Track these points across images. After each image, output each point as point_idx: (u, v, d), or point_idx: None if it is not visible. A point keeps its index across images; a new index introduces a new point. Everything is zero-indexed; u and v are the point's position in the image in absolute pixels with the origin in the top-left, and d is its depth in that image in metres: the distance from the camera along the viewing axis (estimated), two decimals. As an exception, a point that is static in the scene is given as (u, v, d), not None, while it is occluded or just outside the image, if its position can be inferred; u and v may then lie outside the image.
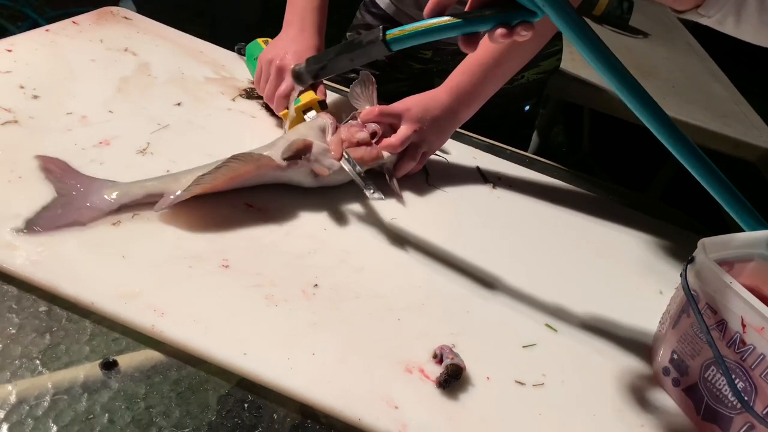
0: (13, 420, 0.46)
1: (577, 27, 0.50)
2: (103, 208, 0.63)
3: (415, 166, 0.84)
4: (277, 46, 0.88)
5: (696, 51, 1.95)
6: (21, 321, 0.53)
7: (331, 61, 0.65)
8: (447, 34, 0.57)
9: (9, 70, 0.80)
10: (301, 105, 0.84)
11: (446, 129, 0.86)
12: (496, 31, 0.54)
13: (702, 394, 0.59)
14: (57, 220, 0.61)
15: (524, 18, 0.54)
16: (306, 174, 0.74)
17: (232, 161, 0.67)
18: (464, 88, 0.84)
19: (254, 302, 0.59)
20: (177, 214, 0.66)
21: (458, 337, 0.62)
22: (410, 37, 0.58)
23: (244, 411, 0.51)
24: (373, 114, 0.81)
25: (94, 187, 0.65)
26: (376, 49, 0.60)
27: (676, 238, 0.91)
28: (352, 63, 0.63)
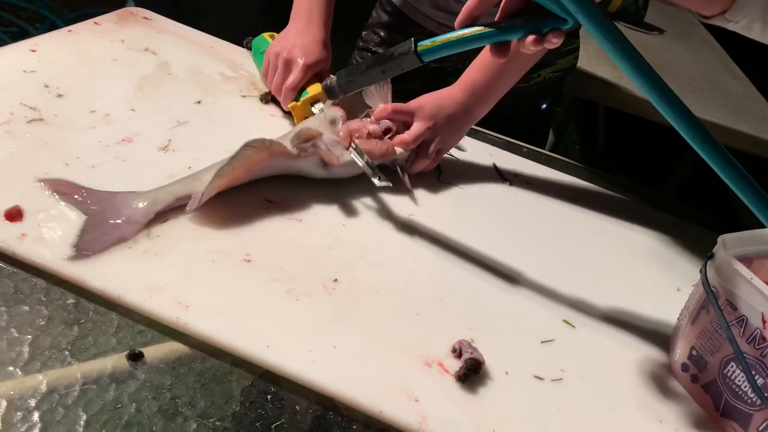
0: (44, 408, 0.47)
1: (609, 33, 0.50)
2: (140, 219, 0.63)
3: (429, 163, 0.84)
4: (284, 39, 0.89)
5: (712, 47, 1.94)
6: (50, 313, 0.54)
7: (362, 73, 0.65)
8: (479, 43, 0.57)
9: (34, 70, 0.82)
10: (308, 97, 0.85)
11: (461, 126, 0.86)
12: (527, 39, 0.54)
13: (721, 390, 0.59)
14: (103, 241, 0.60)
15: (555, 26, 0.54)
16: (316, 164, 0.76)
17: (246, 149, 0.67)
18: (479, 84, 0.84)
19: (276, 296, 0.60)
20: (200, 211, 0.67)
21: (476, 332, 0.63)
22: (442, 47, 0.59)
23: (267, 402, 0.52)
24: (386, 111, 0.82)
25: (119, 200, 0.64)
26: (407, 61, 0.61)
27: (692, 235, 0.91)
28: (383, 75, 0.63)
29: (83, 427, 0.47)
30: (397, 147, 0.81)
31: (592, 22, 0.50)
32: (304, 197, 0.74)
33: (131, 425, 0.48)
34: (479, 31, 0.57)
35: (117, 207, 0.64)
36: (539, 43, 0.54)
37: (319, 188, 0.76)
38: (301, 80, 0.85)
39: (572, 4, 0.50)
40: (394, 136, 0.82)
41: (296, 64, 0.85)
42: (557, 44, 0.54)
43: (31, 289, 0.55)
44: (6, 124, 0.71)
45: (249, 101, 0.91)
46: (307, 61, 0.85)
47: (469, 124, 0.87)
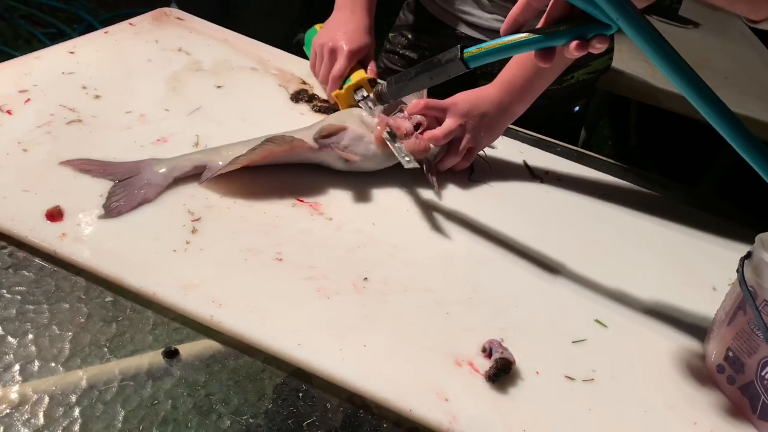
0: (84, 404, 0.49)
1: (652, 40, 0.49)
2: (160, 182, 0.69)
3: (460, 162, 0.84)
4: (328, 29, 0.90)
5: (750, 40, 1.89)
6: (89, 311, 0.56)
7: (411, 80, 0.67)
8: (524, 49, 0.58)
9: (72, 72, 0.84)
10: (351, 84, 0.86)
11: (496, 125, 0.85)
12: (571, 45, 0.55)
13: (759, 392, 0.58)
14: (129, 202, 0.66)
15: (599, 31, 0.54)
16: (336, 157, 0.77)
17: (267, 143, 0.70)
18: (516, 82, 0.83)
19: (307, 294, 0.61)
20: (232, 210, 0.68)
21: (507, 331, 0.63)
22: (488, 54, 0.60)
23: (299, 400, 0.53)
24: (419, 106, 0.82)
25: (143, 166, 0.70)
26: (454, 68, 0.62)
27: (728, 232, 0.89)
28: (431, 81, 0.65)
29: (121, 422, 0.48)
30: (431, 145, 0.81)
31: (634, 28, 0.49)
32: (335, 196, 0.75)
33: (167, 421, 0.49)
34: (525, 37, 0.58)
35: (141, 172, 0.69)
36: (583, 48, 0.55)
37: (350, 187, 0.77)
38: (346, 68, 0.87)
39: (614, 11, 0.50)
40: (424, 132, 0.82)
41: (341, 51, 0.87)
42: (601, 49, 0.55)
43: (72, 287, 0.57)
44: (47, 125, 0.73)
45: (280, 100, 0.92)
46: (350, 48, 0.87)
47: (506, 122, 0.86)
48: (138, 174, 0.69)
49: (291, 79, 0.97)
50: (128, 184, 0.67)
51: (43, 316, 0.54)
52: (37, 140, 0.71)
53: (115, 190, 0.66)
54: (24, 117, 0.74)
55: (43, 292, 0.56)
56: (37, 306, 0.55)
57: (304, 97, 0.93)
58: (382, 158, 0.78)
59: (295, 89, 0.94)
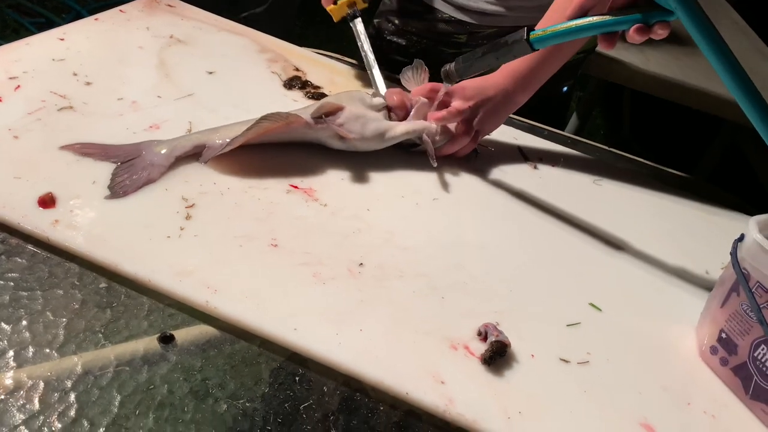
0: (80, 389, 0.48)
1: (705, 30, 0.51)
2: (163, 162, 0.69)
3: (466, 146, 0.84)
4: None
5: (742, 29, 1.89)
6: (84, 297, 0.55)
7: (478, 59, 0.71)
8: (589, 33, 0.61)
9: (63, 58, 0.83)
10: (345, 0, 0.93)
11: (500, 111, 0.86)
12: (633, 29, 0.57)
13: (751, 372, 0.59)
14: (133, 183, 0.66)
15: (662, 17, 0.56)
16: (332, 135, 0.77)
17: (263, 121, 0.71)
18: (522, 71, 0.84)
19: (303, 280, 0.61)
20: (226, 196, 0.68)
21: (502, 315, 0.63)
22: (553, 36, 0.63)
23: (296, 384, 0.53)
24: (425, 89, 0.84)
25: (144, 147, 0.70)
26: (520, 48, 0.65)
27: (722, 218, 0.89)
28: (497, 61, 0.69)
29: (117, 407, 0.48)
30: (433, 123, 0.82)
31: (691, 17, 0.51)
32: (330, 182, 0.75)
33: (164, 406, 0.49)
34: (591, 21, 0.60)
35: (142, 154, 0.70)
36: (645, 33, 0.57)
37: (345, 173, 0.77)
38: None
39: None
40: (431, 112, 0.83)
41: None
42: (663, 36, 0.57)
43: (65, 273, 0.57)
44: (37, 112, 0.73)
45: (273, 87, 0.91)
46: None
47: (510, 110, 0.87)
48: (140, 155, 0.69)
49: (284, 66, 0.96)
50: (131, 165, 0.68)
51: (37, 302, 0.54)
52: (28, 127, 0.70)
53: (119, 172, 0.67)
54: (14, 104, 0.73)
55: (37, 278, 0.56)
56: (31, 292, 0.55)
57: (297, 84, 0.92)
58: (377, 139, 0.78)
59: (288, 76, 0.93)
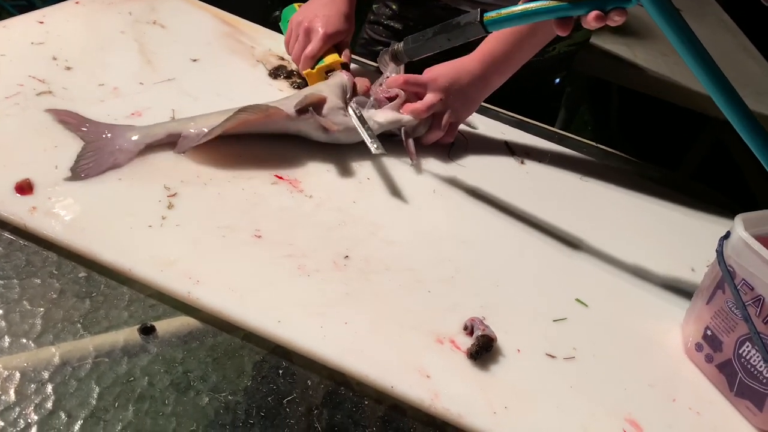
0: (57, 381, 0.47)
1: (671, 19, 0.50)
2: (131, 149, 0.67)
3: (444, 136, 0.84)
4: (308, 9, 0.90)
5: (728, 26, 1.90)
6: (62, 286, 0.54)
7: (428, 40, 0.68)
8: (543, 17, 0.60)
9: (42, 42, 0.81)
10: (323, 66, 0.86)
11: (475, 97, 0.86)
12: (590, 16, 0.56)
13: (736, 369, 0.59)
14: (98, 166, 0.64)
15: (619, 4, 0.55)
16: (316, 127, 0.76)
17: (241, 113, 0.70)
18: (497, 55, 0.83)
19: (287, 272, 0.60)
20: (209, 186, 0.67)
21: (488, 310, 0.62)
22: (507, 19, 0.62)
23: (279, 377, 0.52)
24: (398, 82, 0.82)
25: (118, 132, 0.69)
26: (472, 30, 0.64)
27: (707, 215, 0.90)
28: (449, 42, 0.67)
29: (96, 399, 0.47)
30: (408, 115, 0.81)
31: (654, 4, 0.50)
32: (315, 173, 0.74)
33: (144, 398, 0.48)
34: (545, 5, 0.59)
35: (114, 137, 0.68)
36: (602, 20, 0.56)
37: (330, 165, 0.76)
38: (320, 49, 0.86)
39: None
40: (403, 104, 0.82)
41: (316, 33, 0.87)
42: (619, 22, 0.57)
43: (43, 262, 0.55)
44: (15, 97, 0.71)
45: (258, 76, 0.90)
46: (327, 31, 0.86)
47: (485, 94, 0.86)
48: (110, 139, 0.68)
49: (269, 55, 0.95)
50: (98, 148, 0.66)
51: (14, 291, 0.52)
52: (5, 111, 0.68)
53: (85, 153, 0.65)
54: (-8, 87, 0.71)
55: (13, 266, 0.54)
56: (7, 281, 0.53)
57: (282, 74, 0.91)
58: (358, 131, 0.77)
59: (274, 65, 0.92)
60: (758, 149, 0.52)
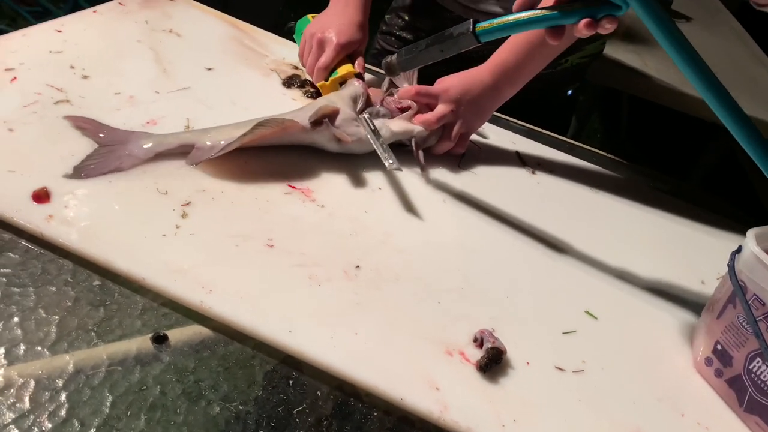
0: (71, 389, 0.48)
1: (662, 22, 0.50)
2: (140, 155, 0.68)
3: (455, 147, 0.84)
4: (321, 20, 0.90)
5: (740, 35, 1.90)
6: (77, 294, 0.55)
7: (421, 52, 0.68)
8: (535, 26, 0.59)
9: (60, 51, 0.82)
10: (337, 77, 0.86)
11: (486, 108, 0.86)
12: (581, 24, 0.56)
13: (746, 385, 0.59)
14: (100, 167, 0.66)
15: (609, 12, 0.55)
16: (329, 138, 0.76)
17: (258, 127, 0.70)
18: (509, 65, 0.83)
19: (298, 281, 0.60)
20: (223, 195, 0.67)
21: (498, 321, 0.63)
22: (499, 29, 0.61)
23: (289, 387, 0.53)
24: (410, 93, 0.83)
25: (132, 138, 0.70)
26: (465, 41, 0.63)
27: (718, 226, 0.89)
28: (442, 54, 0.66)
29: (109, 407, 0.47)
30: (419, 126, 0.81)
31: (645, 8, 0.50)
32: (327, 183, 0.74)
33: (156, 407, 0.48)
34: (537, 14, 0.59)
35: (127, 143, 0.69)
36: (593, 28, 0.56)
37: (343, 174, 0.76)
38: (333, 60, 0.87)
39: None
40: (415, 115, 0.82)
41: (329, 43, 0.87)
42: (610, 30, 0.56)
43: (58, 270, 0.56)
44: (33, 105, 0.72)
45: (272, 85, 0.91)
46: (339, 41, 0.87)
47: (496, 105, 0.87)
48: (123, 144, 0.69)
49: (283, 64, 0.96)
50: (109, 151, 0.67)
51: (29, 299, 0.53)
52: (23, 120, 0.69)
53: (94, 155, 0.67)
54: (10, 96, 0.72)
55: (29, 274, 0.55)
56: (23, 288, 0.54)
57: (296, 83, 0.92)
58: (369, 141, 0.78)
59: (288, 74, 0.93)
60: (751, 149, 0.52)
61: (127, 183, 0.65)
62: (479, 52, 0.99)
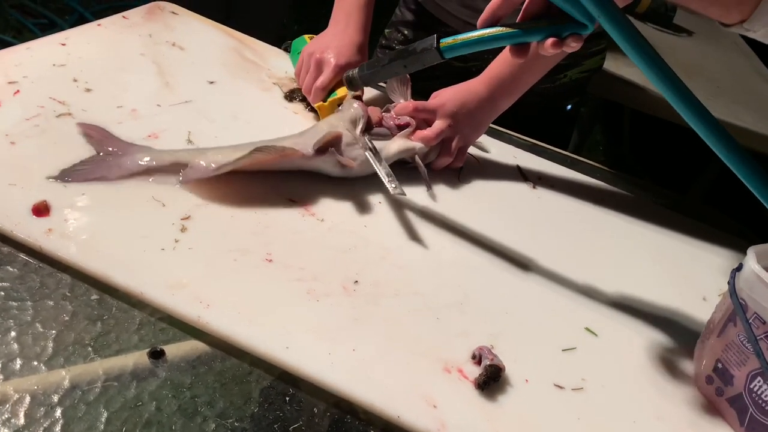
0: (66, 404, 0.48)
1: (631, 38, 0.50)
2: (130, 168, 0.68)
3: (453, 161, 0.84)
4: (320, 41, 0.90)
5: (742, 49, 1.90)
6: (74, 308, 0.54)
7: (384, 67, 0.66)
8: (499, 43, 0.59)
9: (63, 64, 0.83)
10: (335, 99, 0.86)
11: (483, 121, 0.86)
12: (547, 42, 0.55)
13: (747, 404, 0.58)
14: (87, 174, 0.66)
15: (575, 30, 0.55)
16: (333, 164, 0.76)
17: (255, 153, 0.69)
18: (504, 77, 0.83)
19: (297, 296, 0.60)
20: (223, 209, 0.67)
21: (497, 338, 0.62)
22: (463, 45, 0.60)
23: (286, 404, 0.52)
24: (407, 109, 0.83)
25: (130, 151, 0.70)
26: (429, 57, 0.62)
27: (719, 242, 0.89)
28: (405, 69, 0.65)
29: (104, 424, 0.47)
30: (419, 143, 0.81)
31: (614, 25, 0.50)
32: (327, 197, 0.74)
33: (151, 424, 0.48)
34: (501, 31, 0.58)
35: (123, 154, 0.69)
36: (558, 46, 0.55)
37: (342, 189, 0.76)
38: (331, 81, 0.86)
39: (596, 9, 0.50)
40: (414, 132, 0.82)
41: (328, 64, 0.87)
42: (576, 48, 0.56)
43: (57, 284, 0.56)
44: (35, 118, 0.72)
45: (274, 98, 0.91)
46: (338, 62, 0.86)
47: (492, 116, 0.87)
48: (119, 155, 0.69)
49: (285, 78, 0.96)
50: (102, 160, 0.68)
51: (27, 313, 0.53)
52: (25, 133, 0.70)
53: (87, 161, 0.67)
54: (12, 109, 0.73)
55: (27, 288, 0.55)
56: (21, 302, 0.54)
57: (298, 96, 0.92)
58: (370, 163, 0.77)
59: (290, 88, 0.93)
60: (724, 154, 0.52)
61: (127, 197, 0.65)
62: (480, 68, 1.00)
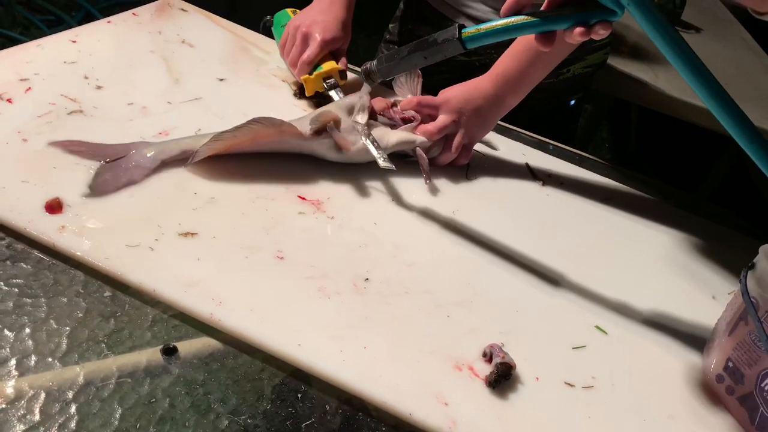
0: (81, 401, 0.48)
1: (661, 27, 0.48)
2: (148, 165, 0.68)
3: (458, 158, 0.84)
4: (305, 15, 0.92)
5: (750, 46, 1.89)
6: (88, 305, 0.55)
7: (403, 59, 0.65)
8: (524, 32, 0.57)
9: (74, 61, 0.83)
10: (321, 72, 0.87)
11: (489, 118, 0.86)
12: (575, 31, 0.54)
13: (758, 403, 0.58)
14: (115, 182, 0.66)
15: (603, 17, 0.53)
16: (329, 147, 0.76)
17: (252, 123, 0.69)
18: (510, 74, 0.83)
19: (308, 294, 0.60)
20: (234, 206, 0.68)
21: (507, 336, 0.62)
22: (487, 35, 0.58)
23: (298, 401, 0.53)
24: (412, 104, 0.83)
25: (131, 148, 0.70)
26: (451, 47, 0.60)
27: (728, 240, 0.89)
28: (425, 61, 0.63)
29: (118, 420, 0.47)
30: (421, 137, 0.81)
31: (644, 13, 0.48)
32: (337, 195, 0.74)
33: (165, 420, 0.48)
34: (526, 20, 0.56)
35: (129, 155, 0.69)
36: (586, 34, 0.54)
37: (352, 186, 0.76)
38: (317, 55, 0.88)
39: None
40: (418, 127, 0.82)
41: (314, 39, 0.88)
42: (604, 36, 0.54)
43: (70, 281, 0.56)
44: (47, 115, 0.72)
45: (283, 96, 0.91)
46: (324, 37, 0.88)
47: (499, 115, 0.86)
48: (126, 156, 0.69)
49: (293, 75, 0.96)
50: (115, 166, 0.68)
51: (41, 309, 0.54)
52: (37, 130, 0.70)
53: (102, 171, 0.67)
54: (24, 106, 0.73)
55: (41, 285, 0.55)
56: (35, 299, 0.54)
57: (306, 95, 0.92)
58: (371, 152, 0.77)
59: (299, 85, 0.93)
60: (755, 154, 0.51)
61: (139, 194, 0.66)
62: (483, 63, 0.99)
